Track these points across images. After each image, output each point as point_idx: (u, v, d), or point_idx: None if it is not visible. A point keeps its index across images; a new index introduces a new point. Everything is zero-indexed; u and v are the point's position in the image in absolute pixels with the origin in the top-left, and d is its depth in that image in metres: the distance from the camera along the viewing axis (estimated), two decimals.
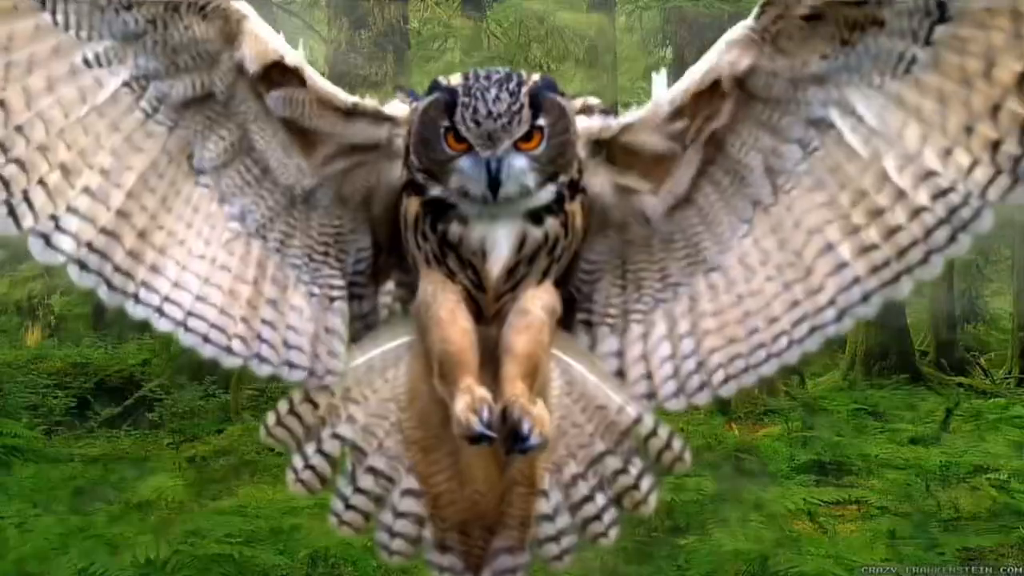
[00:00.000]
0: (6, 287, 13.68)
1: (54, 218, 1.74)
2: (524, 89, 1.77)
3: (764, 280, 1.87)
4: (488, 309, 1.90)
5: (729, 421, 9.79)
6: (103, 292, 1.84)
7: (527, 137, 1.78)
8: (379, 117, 1.92)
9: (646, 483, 1.99)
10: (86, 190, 1.75)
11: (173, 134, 1.83)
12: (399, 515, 1.97)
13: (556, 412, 1.91)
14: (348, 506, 1.96)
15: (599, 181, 1.92)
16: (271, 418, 1.97)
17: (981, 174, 1.69)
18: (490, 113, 1.75)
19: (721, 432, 8.97)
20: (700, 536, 5.81)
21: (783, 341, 1.93)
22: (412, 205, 1.88)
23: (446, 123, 1.78)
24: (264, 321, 1.91)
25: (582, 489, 1.97)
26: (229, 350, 1.88)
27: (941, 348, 14.38)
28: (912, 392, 11.94)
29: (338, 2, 10.84)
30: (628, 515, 1.99)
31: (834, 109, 1.77)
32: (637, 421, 1.95)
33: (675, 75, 1.89)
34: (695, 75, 1.84)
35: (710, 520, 6.01)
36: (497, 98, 1.75)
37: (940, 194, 1.72)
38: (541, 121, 1.78)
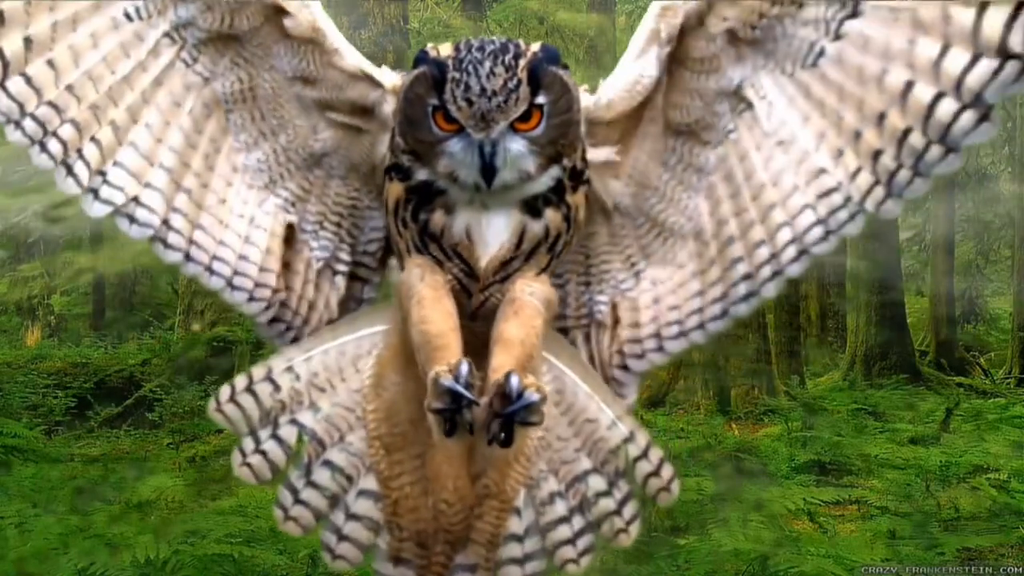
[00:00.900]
0: (6, 287, 13.68)
1: (102, 173, 1.72)
2: (522, 62, 1.61)
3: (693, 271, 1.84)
4: (476, 298, 1.75)
5: (729, 421, 9.79)
6: (159, 250, 1.83)
7: (525, 117, 1.62)
8: (373, 81, 1.82)
9: (629, 510, 1.80)
10: (133, 144, 1.74)
11: (209, 85, 1.80)
12: (352, 517, 1.79)
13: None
14: (298, 500, 1.79)
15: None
16: (224, 392, 1.80)
17: (863, 181, 1.67)
18: (484, 90, 1.58)
19: (721, 432, 8.97)
20: (700, 536, 5.80)
21: (696, 319, 1.85)
22: (395, 189, 1.74)
23: (434, 101, 1.63)
24: (267, 271, 1.86)
25: (559, 509, 1.79)
26: (251, 298, 1.86)
27: (941, 348, 14.40)
28: (912, 392, 11.95)
29: (338, 2, 10.85)
30: (604, 544, 1.82)
31: (751, 90, 1.74)
32: (628, 439, 1.79)
33: None
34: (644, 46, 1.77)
35: (710, 520, 6.01)
36: (491, 73, 1.59)
37: (825, 193, 1.70)
38: (541, 98, 1.63)
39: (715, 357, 10.71)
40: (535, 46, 1.66)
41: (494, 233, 1.72)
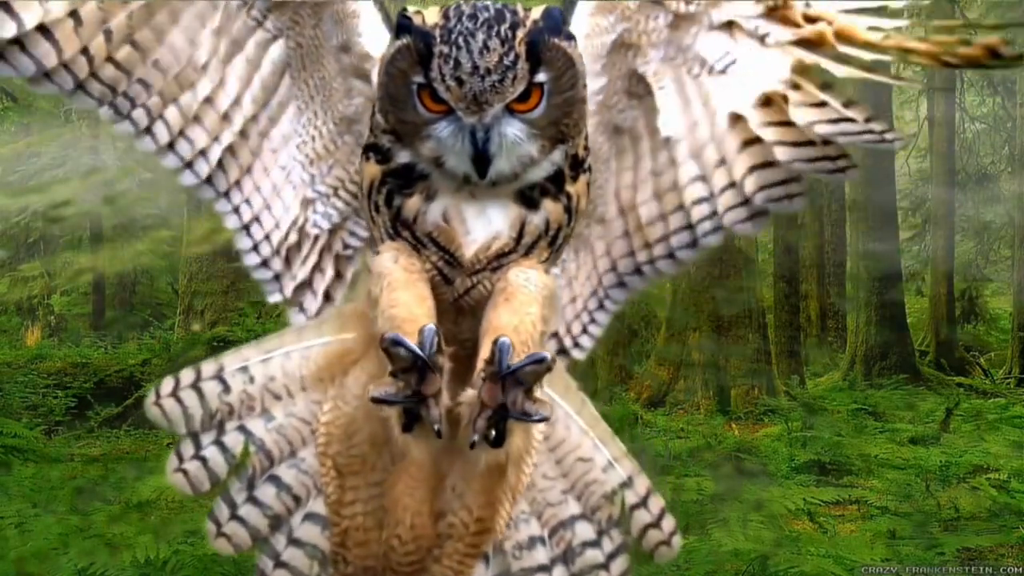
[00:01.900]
0: (6, 287, 13.68)
1: (182, 132, 1.67)
2: (520, 33, 1.41)
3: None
4: (461, 284, 1.56)
5: (729, 421, 9.79)
6: (208, 194, 1.75)
7: (523, 97, 1.44)
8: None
9: (618, 566, 1.62)
10: (209, 101, 1.67)
11: (277, 42, 1.70)
12: (294, 543, 1.59)
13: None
14: (235, 516, 1.59)
15: None
16: (166, 385, 1.61)
17: (729, 197, 1.64)
18: (476, 68, 1.39)
19: (721, 432, 8.97)
20: (700, 536, 5.80)
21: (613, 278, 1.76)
22: (371, 171, 1.56)
23: (420, 79, 1.44)
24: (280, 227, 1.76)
25: (539, 556, 1.60)
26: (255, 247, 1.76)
27: (941, 348, 14.39)
28: (912, 392, 11.95)
29: None
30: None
31: (655, 79, 1.66)
32: (625, 484, 1.61)
33: None
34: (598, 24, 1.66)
35: (710, 520, 6.00)
36: (485, 47, 1.39)
37: (697, 201, 1.67)
38: (542, 75, 1.44)
39: (715, 357, 10.71)
40: (535, 12, 1.46)
41: (483, 224, 1.54)
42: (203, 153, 1.69)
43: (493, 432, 1.35)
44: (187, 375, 1.62)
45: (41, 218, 12.18)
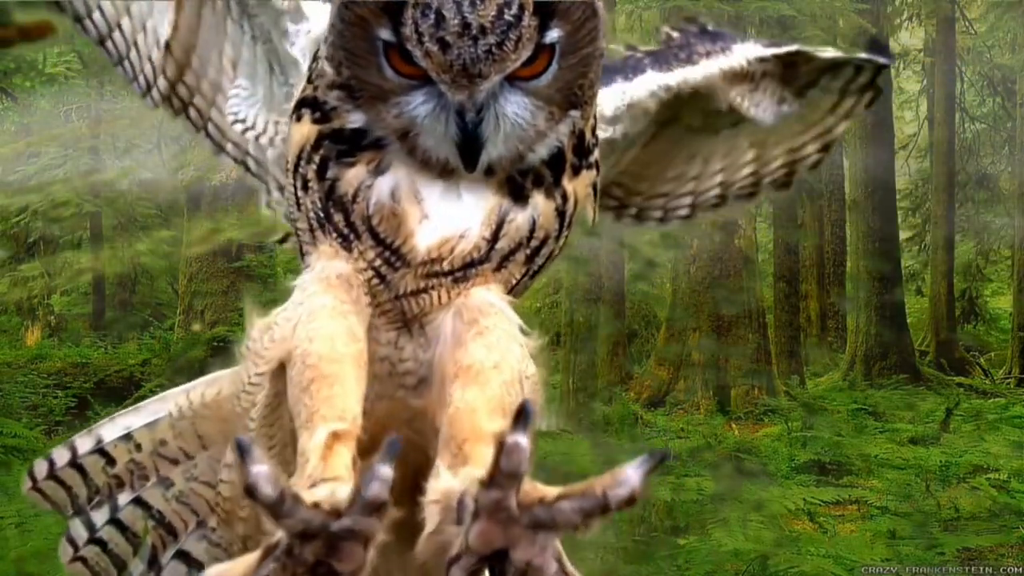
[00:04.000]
0: (6, 287, 13.67)
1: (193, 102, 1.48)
2: None
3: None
4: (400, 285, 1.18)
5: (729, 421, 9.79)
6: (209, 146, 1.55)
7: (528, 61, 1.09)
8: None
9: None
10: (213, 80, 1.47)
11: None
12: None
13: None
14: None
15: None
16: (40, 468, 1.41)
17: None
18: (467, 26, 1.03)
19: (721, 432, 8.97)
20: (700, 536, 5.80)
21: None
22: (302, 131, 1.20)
23: (387, 35, 1.08)
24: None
25: None
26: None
27: (941, 348, 14.38)
28: (912, 392, 11.95)
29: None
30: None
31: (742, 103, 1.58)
32: None
33: None
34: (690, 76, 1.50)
35: (710, 520, 6.01)
36: None
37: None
38: (554, 33, 1.09)
39: (715, 357, 10.71)
40: None
41: (447, 210, 1.17)
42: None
43: None
44: (61, 454, 1.42)
45: (41, 218, 12.18)
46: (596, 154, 1.27)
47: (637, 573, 5.48)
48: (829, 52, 1.58)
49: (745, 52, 1.50)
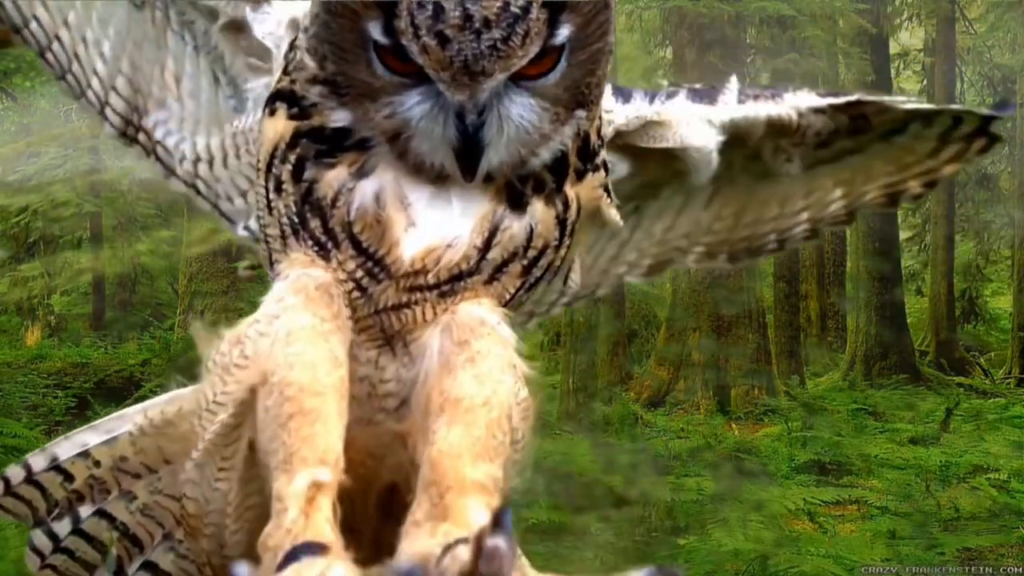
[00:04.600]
0: (6, 287, 13.67)
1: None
2: None
3: None
4: (379, 301, 1.09)
5: (729, 421, 9.79)
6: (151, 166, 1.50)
7: (536, 58, 1.00)
8: None
9: None
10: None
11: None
12: None
13: None
14: None
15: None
16: None
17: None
18: (469, 19, 0.94)
19: (721, 432, 8.97)
20: (700, 536, 5.80)
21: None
22: (276, 128, 1.11)
23: (379, 35, 0.99)
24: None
25: None
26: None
27: (941, 348, 14.38)
28: (912, 392, 11.95)
29: None
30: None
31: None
32: None
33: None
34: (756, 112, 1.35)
35: (710, 520, 6.01)
36: None
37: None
38: (564, 30, 1.00)
39: (715, 357, 10.71)
40: None
41: (435, 216, 1.08)
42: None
43: None
44: (15, 472, 1.40)
45: (41, 218, 12.19)
46: (603, 155, 1.19)
47: None
48: (908, 103, 1.42)
49: (796, 101, 1.35)
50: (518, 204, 1.09)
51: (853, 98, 1.37)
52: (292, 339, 1.03)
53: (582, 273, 1.35)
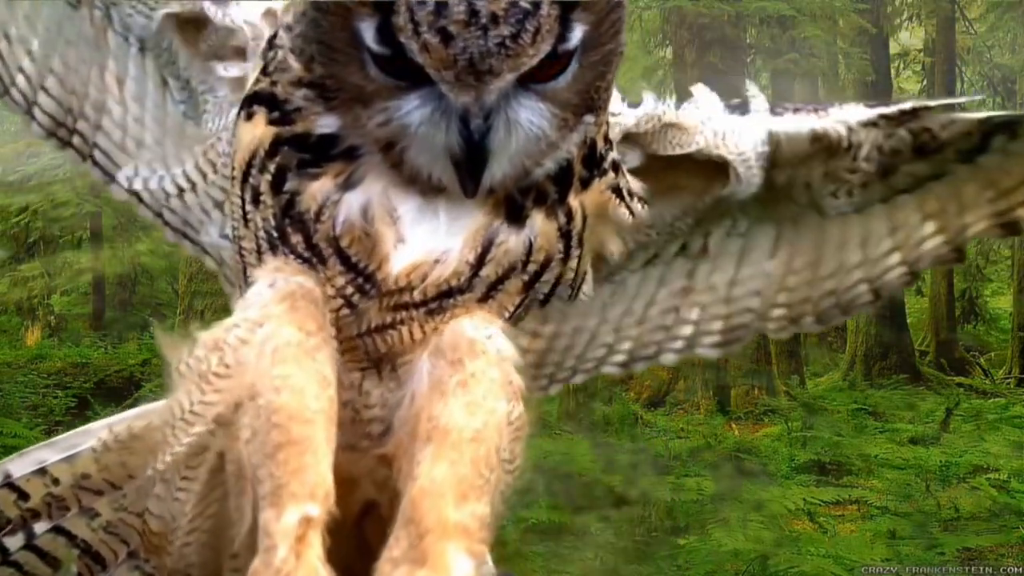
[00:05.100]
0: (6, 287, 13.66)
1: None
2: None
3: None
4: (365, 320, 1.03)
5: (729, 421, 9.79)
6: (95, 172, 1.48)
7: (546, 61, 0.93)
8: None
9: None
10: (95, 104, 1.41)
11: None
12: None
13: None
14: None
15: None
16: None
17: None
18: (475, 14, 0.87)
19: (721, 432, 8.97)
20: (700, 536, 5.80)
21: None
22: (254, 133, 1.02)
23: (374, 42, 0.92)
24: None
25: None
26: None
27: (941, 348, 14.38)
28: (912, 392, 11.95)
29: None
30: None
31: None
32: None
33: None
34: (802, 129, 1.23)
35: (710, 520, 6.01)
36: None
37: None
38: (578, 30, 0.93)
39: (715, 357, 10.69)
40: None
41: (426, 231, 1.01)
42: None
43: None
44: None
45: (41, 218, 12.18)
46: (611, 157, 1.10)
47: (637, 573, 5.48)
48: (974, 115, 1.27)
49: (843, 115, 1.22)
50: (517, 217, 1.01)
51: (907, 106, 1.24)
52: (278, 358, 0.97)
53: (633, 330, 1.27)
